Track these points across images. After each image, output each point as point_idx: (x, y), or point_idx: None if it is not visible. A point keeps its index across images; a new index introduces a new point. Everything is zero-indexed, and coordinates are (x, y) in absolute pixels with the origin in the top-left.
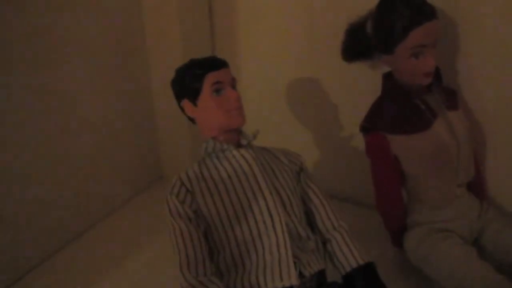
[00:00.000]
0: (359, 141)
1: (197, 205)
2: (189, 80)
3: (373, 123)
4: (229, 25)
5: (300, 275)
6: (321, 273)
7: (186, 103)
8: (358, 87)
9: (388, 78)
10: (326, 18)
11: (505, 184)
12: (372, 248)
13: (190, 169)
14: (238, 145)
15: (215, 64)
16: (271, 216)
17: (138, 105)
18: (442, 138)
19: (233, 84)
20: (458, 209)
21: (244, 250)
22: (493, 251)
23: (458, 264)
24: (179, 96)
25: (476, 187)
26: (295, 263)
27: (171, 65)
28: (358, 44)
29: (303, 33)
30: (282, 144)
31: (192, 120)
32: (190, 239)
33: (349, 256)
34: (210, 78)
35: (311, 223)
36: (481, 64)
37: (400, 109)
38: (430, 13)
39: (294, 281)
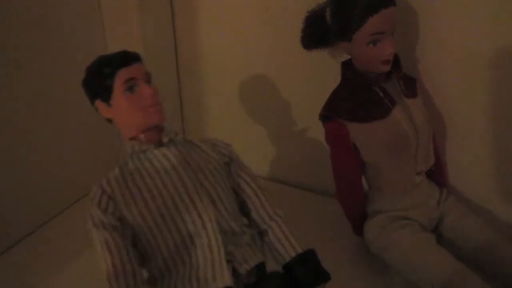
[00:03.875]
0: (319, 130)
1: (120, 212)
2: (99, 79)
3: (332, 111)
4: (190, 22)
5: (236, 273)
6: (260, 266)
7: (99, 103)
8: (317, 75)
9: (347, 66)
10: (283, 5)
11: (465, 172)
12: (333, 237)
13: (111, 173)
14: (160, 144)
15: (125, 59)
16: (199, 215)
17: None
18: (401, 126)
19: (147, 79)
20: (417, 197)
21: (175, 254)
22: (452, 239)
23: (416, 251)
24: (91, 97)
25: (436, 175)
26: (229, 261)
27: None
28: (317, 31)
29: (261, 23)
30: (241, 135)
31: (109, 121)
32: (116, 249)
33: (287, 245)
34: (121, 75)
35: (246, 215)
36: (440, 52)
37: (359, 97)
38: (387, 0)
39: (228, 281)
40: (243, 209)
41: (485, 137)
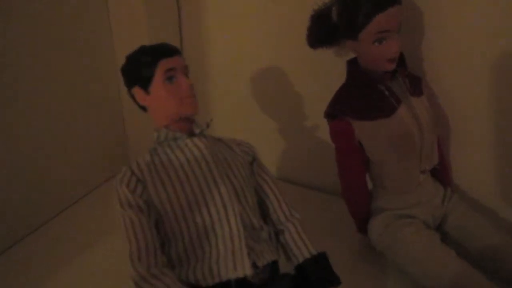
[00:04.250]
0: (325, 128)
1: (148, 195)
2: (141, 67)
3: (337, 110)
4: (196, 19)
5: (254, 265)
6: (274, 264)
7: (137, 90)
8: (323, 73)
9: (352, 64)
10: (291, 4)
11: (469, 171)
12: (337, 235)
13: (141, 158)
14: (191, 134)
15: (167, 50)
16: (224, 205)
17: (105, 98)
18: (406, 124)
19: (185, 72)
20: (421, 195)
21: (197, 240)
22: (456, 237)
23: (420, 249)
24: (129, 83)
25: (441, 173)
26: (248, 253)
27: None
28: (323, 30)
29: (268, 20)
30: (247, 133)
31: (143, 108)
32: (141, 230)
33: (302, 246)
34: (162, 65)
35: (263, 214)
36: (445, 51)
37: (364, 95)
38: None
39: (248, 271)
40: (261, 208)
41: (489, 136)
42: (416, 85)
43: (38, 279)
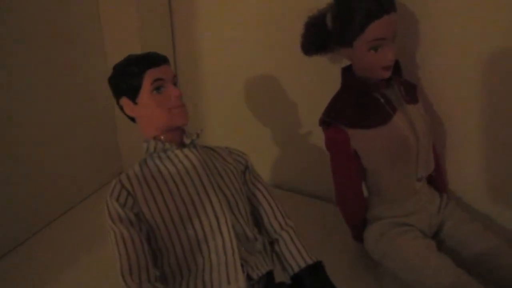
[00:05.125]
0: (319, 136)
1: (139, 208)
2: (128, 77)
3: (332, 117)
4: (189, 26)
5: (248, 277)
6: (269, 274)
7: (125, 101)
8: (317, 81)
9: (347, 72)
10: (285, 11)
11: (465, 178)
12: (332, 243)
13: (131, 170)
14: (181, 145)
15: (155, 60)
16: (216, 217)
17: (97, 101)
18: (402, 132)
19: (174, 81)
20: (417, 203)
21: (189, 253)
22: (452, 245)
23: (417, 257)
24: (117, 94)
25: (436, 181)
26: (242, 265)
27: None
28: (318, 37)
29: (262, 28)
30: (241, 141)
31: (132, 119)
32: (132, 244)
33: (297, 256)
34: (150, 75)
35: (257, 223)
36: (440, 58)
37: (359, 103)
38: (388, 6)
39: (242, 284)
40: (255, 218)
41: (485, 143)
42: (412, 92)
43: (38, 283)
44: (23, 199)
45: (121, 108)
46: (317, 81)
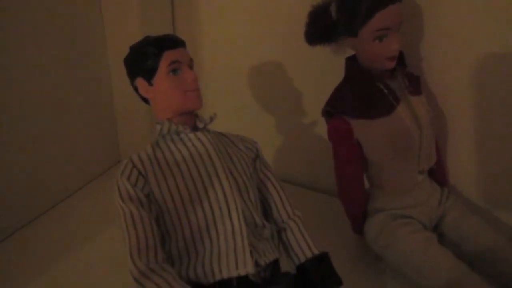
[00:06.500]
0: (323, 127)
1: (149, 189)
2: (145, 58)
3: (335, 108)
4: (190, 11)
5: (256, 264)
6: (275, 263)
7: (140, 82)
8: (321, 71)
9: (351, 62)
10: (290, 1)
11: (466, 171)
12: (333, 235)
13: (143, 151)
14: (194, 129)
15: (173, 42)
16: (227, 202)
17: (96, 89)
18: (405, 124)
19: (190, 64)
20: (418, 195)
21: (198, 236)
22: (453, 238)
23: (417, 250)
24: (132, 75)
25: (438, 173)
26: (251, 251)
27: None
28: (322, 26)
29: (265, 17)
30: (244, 130)
31: (145, 100)
32: (141, 224)
33: (304, 246)
34: (167, 57)
35: (265, 211)
36: (444, 50)
37: (363, 94)
38: None
39: (250, 269)
40: (263, 206)
41: (487, 136)
42: (415, 84)
43: (35, 270)
44: (19, 188)
45: (135, 89)
46: (321, 71)
